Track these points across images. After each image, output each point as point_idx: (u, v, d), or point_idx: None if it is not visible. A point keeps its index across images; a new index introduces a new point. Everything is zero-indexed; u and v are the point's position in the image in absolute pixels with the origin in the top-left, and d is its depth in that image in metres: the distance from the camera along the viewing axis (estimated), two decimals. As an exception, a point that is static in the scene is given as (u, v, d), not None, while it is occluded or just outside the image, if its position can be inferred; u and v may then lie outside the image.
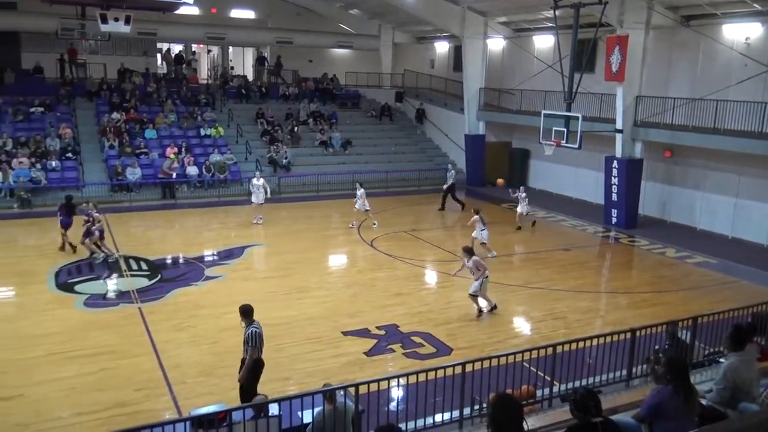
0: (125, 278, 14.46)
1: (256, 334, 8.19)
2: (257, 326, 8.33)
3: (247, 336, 8.20)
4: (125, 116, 25.45)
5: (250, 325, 8.31)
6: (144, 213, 21.00)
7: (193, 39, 33.08)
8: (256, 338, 8.18)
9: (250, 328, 8.25)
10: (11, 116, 24.23)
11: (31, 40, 28.86)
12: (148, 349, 10.78)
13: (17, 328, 11.39)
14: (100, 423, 8.32)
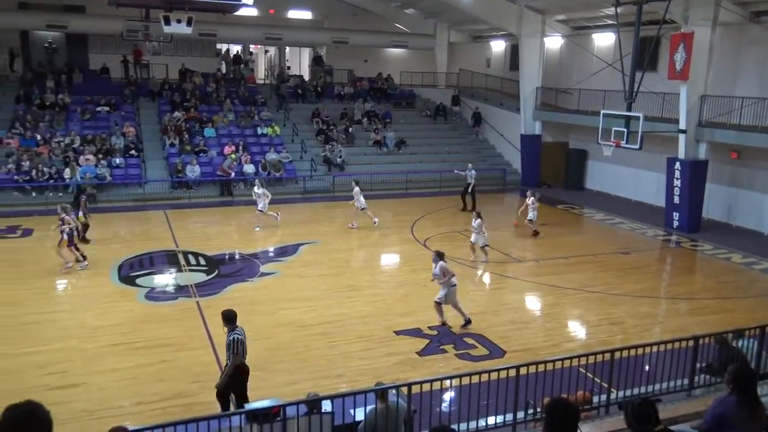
0: (184, 273, 14.85)
1: (238, 341, 7.97)
2: (240, 333, 8.10)
3: (229, 342, 8.01)
4: (186, 115, 26.15)
5: (233, 331, 8.09)
6: (202, 209, 21.52)
7: (252, 40, 33.71)
8: (239, 345, 7.97)
9: (232, 335, 8.03)
10: (79, 115, 25.23)
11: (98, 42, 30.01)
12: (205, 342, 11.03)
13: (83, 318, 11.84)
14: (159, 413, 8.55)
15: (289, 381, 9.67)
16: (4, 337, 10.90)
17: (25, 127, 23.51)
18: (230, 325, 8.16)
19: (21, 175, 21.30)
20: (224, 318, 8.22)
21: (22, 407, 3.05)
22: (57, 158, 22.37)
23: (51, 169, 21.76)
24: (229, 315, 8.22)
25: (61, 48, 29.95)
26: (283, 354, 10.62)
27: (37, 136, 23.18)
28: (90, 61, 29.78)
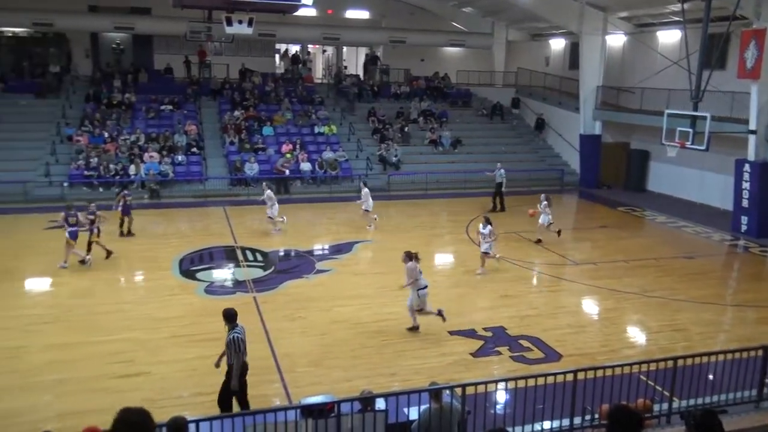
0: (242, 268, 15.18)
1: (238, 339, 7.95)
2: (239, 331, 8.06)
3: (229, 341, 7.99)
4: (245, 114, 26.71)
5: (233, 330, 8.05)
6: (260, 207, 21.87)
7: (310, 40, 34.13)
8: (239, 344, 7.96)
9: (232, 334, 8.00)
10: (144, 113, 26.11)
11: (163, 43, 30.96)
12: (261, 336, 11.25)
13: (147, 310, 12.26)
14: (215, 405, 8.77)
15: (344, 378, 9.76)
16: (78, 327, 11.42)
17: (93, 125, 24.48)
18: (230, 323, 8.10)
19: (89, 170, 22.19)
20: (224, 316, 8.13)
21: (135, 411, 3.25)
22: (123, 155, 23.21)
23: (117, 165, 22.61)
24: (229, 313, 8.14)
25: (127, 49, 31.08)
26: (337, 350, 10.73)
27: (104, 134, 24.10)
28: (155, 62, 30.79)
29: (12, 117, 24.79)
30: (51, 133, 24.24)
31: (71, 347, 10.57)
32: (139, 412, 3.36)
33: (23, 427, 8.18)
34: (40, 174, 22.01)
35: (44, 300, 13.16)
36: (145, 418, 3.35)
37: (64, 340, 10.83)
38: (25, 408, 8.73)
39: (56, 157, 22.91)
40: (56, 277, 14.18)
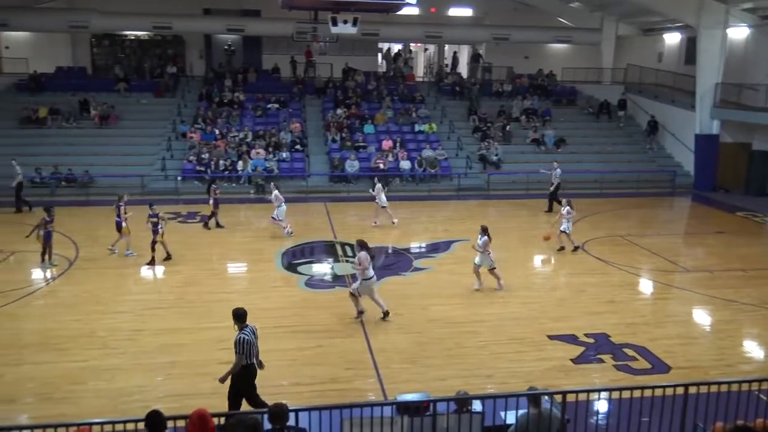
0: (341, 263, 15.46)
1: (244, 341, 7.81)
2: (248, 332, 7.93)
3: (235, 341, 7.89)
4: (347, 112, 27.19)
5: (242, 330, 7.94)
6: (360, 203, 22.24)
7: (413, 38, 34.27)
8: (244, 345, 7.81)
9: (240, 334, 7.89)
10: (252, 111, 27.18)
11: (271, 43, 32.10)
12: (359, 331, 11.40)
13: (251, 300, 12.66)
14: (315, 395, 8.98)
15: (439, 377, 9.71)
16: (188, 313, 12.05)
17: (206, 123, 25.76)
18: (240, 323, 8.01)
19: (201, 165, 23.37)
20: (234, 316, 8.06)
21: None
22: (232, 151, 24.26)
23: (226, 161, 23.66)
24: (238, 313, 8.05)
25: (238, 50, 32.47)
26: (433, 349, 10.69)
27: (215, 131, 25.31)
28: (263, 62, 31.98)
29: (133, 115, 26.59)
30: (167, 130, 25.76)
31: (181, 332, 11.17)
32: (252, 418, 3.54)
33: (134, 405, 8.69)
34: (156, 168, 23.43)
35: (158, 287, 13.99)
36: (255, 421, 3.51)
37: (175, 326, 11.46)
38: (137, 387, 9.29)
39: (171, 153, 24.31)
40: (169, 266, 15.03)
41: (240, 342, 7.80)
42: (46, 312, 12.12)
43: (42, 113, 25.42)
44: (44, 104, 25.83)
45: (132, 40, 32.19)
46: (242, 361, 7.81)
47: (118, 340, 10.85)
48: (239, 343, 7.81)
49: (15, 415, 8.50)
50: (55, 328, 11.26)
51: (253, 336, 7.98)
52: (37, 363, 9.95)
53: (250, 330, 8.00)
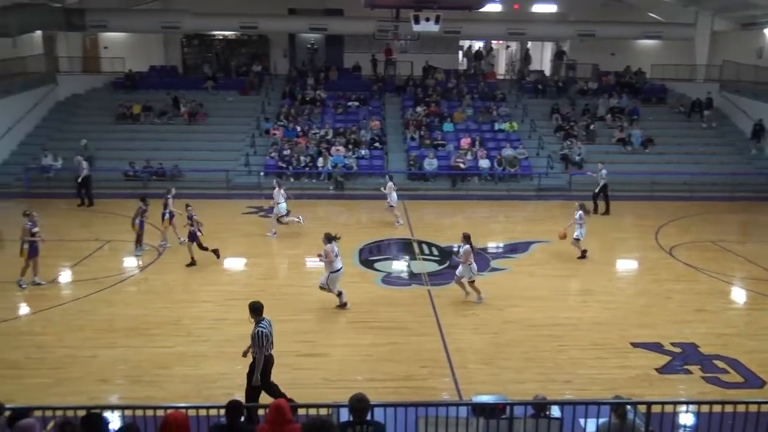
0: (418, 261, 15.45)
1: (262, 334, 7.91)
2: (264, 325, 8.02)
3: (253, 335, 7.99)
4: (427, 110, 27.14)
5: (258, 323, 8.03)
6: (437, 201, 22.19)
7: (495, 36, 33.78)
8: (263, 338, 7.91)
9: (257, 328, 7.98)
10: (333, 109, 27.59)
11: (352, 42, 32.46)
12: (434, 330, 11.37)
13: (328, 295, 12.82)
14: (390, 391, 9.01)
15: (515, 379, 9.55)
16: (268, 305, 12.06)
17: (288, 120, 26.36)
18: (257, 316, 8.10)
19: (282, 162, 23.93)
20: (251, 309, 8.15)
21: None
22: (313, 148, 24.71)
23: (307, 157, 24.12)
24: (255, 306, 8.14)
25: (321, 48, 33.03)
26: (510, 351, 10.53)
27: (297, 128, 25.84)
28: (344, 60, 32.39)
29: (219, 112, 27.55)
30: (251, 127, 26.53)
31: (261, 323, 11.46)
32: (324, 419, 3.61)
33: (216, 392, 9.01)
34: (240, 164, 24.17)
35: (240, 278, 14.44)
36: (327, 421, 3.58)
37: (256, 316, 11.77)
38: (220, 375, 9.63)
39: (255, 149, 25.02)
40: (251, 258, 15.49)
41: (258, 335, 7.91)
42: (137, 299, 12.75)
43: (136, 110, 26.74)
44: (138, 101, 27.18)
45: (220, 39, 33.35)
46: (262, 353, 7.94)
47: (202, 328, 11.28)
48: (257, 336, 7.91)
49: (107, 395, 9.00)
50: (145, 314, 11.83)
51: (270, 328, 8.11)
52: (128, 347, 10.49)
53: (266, 323, 8.12)
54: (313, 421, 4.02)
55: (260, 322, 8.05)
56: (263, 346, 7.92)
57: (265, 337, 7.94)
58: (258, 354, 7.97)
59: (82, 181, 20.63)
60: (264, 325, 8.04)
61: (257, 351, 7.98)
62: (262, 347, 7.91)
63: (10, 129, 24.71)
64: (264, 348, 7.94)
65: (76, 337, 10.82)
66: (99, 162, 23.50)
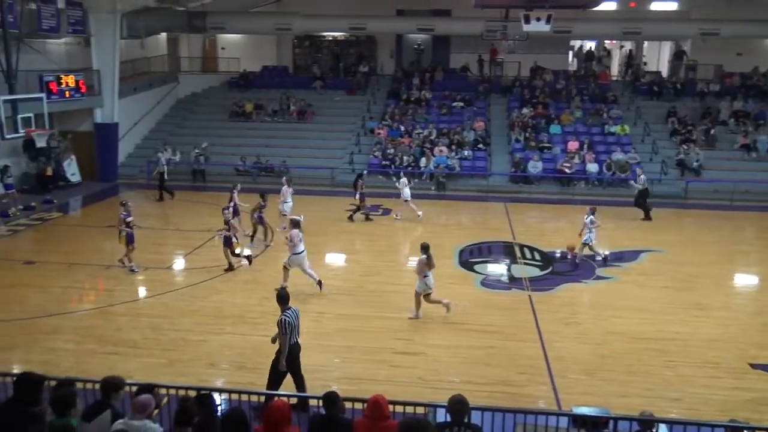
0: (519, 265, 15.14)
1: (285, 322, 8.11)
2: (289, 314, 8.21)
3: (278, 322, 8.21)
4: (533, 112, 26.55)
5: (284, 312, 8.24)
6: (541, 205, 21.64)
7: (608, 35, 32.43)
8: (286, 326, 8.10)
9: (282, 315, 8.20)
10: (437, 109, 27.58)
11: (459, 42, 32.26)
12: (533, 336, 11.10)
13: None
14: (485, 395, 8.88)
15: (619, 393, 9.14)
16: (367, 301, 12.58)
17: (392, 120, 26.62)
18: (283, 305, 8.31)
19: (385, 161, 24.20)
20: (278, 298, 8.42)
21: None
22: (416, 148, 24.82)
23: (410, 157, 24.26)
24: (281, 295, 8.44)
25: (427, 49, 33.08)
26: (613, 363, 10.10)
27: (401, 128, 26.05)
28: (451, 61, 32.27)
29: (327, 111, 28.28)
30: (357, 126, 27.03)
31: (360, 319, 11.66)
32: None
33: (314, 383, 9.21)
34: (345, 162, 24.68)
35: (340, 274, 14.73)
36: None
37: (355, 312, 11.99)
38: (317, 366, 9.85)
39: (359, 148, 25.47)
40: (351, 254, 15.78)
41: (282, 323, 8.15)
42: (243, 288, 13.32)
43: (248, 108, 27.96)
44: (251, 100, 28.40)
45: (329, 40, 34.19)
46: (284, 340, 8.17)
47: (303, 320, 11.49)
48: (282, 324, 8.15)
49: (213, 378, 9.46)
50: (250, 303, 12.35)
51: (295, 317, 8.31)
52: (234, 334, 10.99)
53: (292, 312, 8.31)
54: (411, 420, 4.04)
55: (286, 311, 8.30)
56: (286, 334, 8.18)
57: (289, 325, 8.18)
58: (282, 340, 8.24)
59: (161, 176, 21.50)
60: (288, 314, 8.28)
61: (281, 337, 8.25)
62: (285, 334, 8.18)
63: (136, 124, 26.57)
64: (287, 335, 8.19)
65: (188, 322, 11.46)
66: (213, 157, 24.79)
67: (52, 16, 20.80)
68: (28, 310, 11.96)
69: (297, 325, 8.36)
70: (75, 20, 21.98)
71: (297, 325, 8.36)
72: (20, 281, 13.54)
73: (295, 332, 8.31)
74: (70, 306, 12.34)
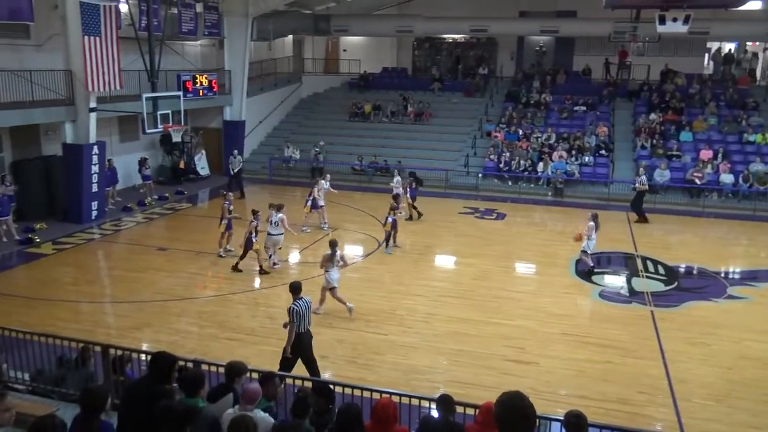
0: (640, 279, 14.36)
1: (293, 310, 8.54)
2: (299, 303, 8.61)
3: (288, 310, 8.64)
4: (662, 117, 25.11)
5: (295, 300, 8.66)
6: (667, 216, 20.39)
7: (752, 36, 29.99)
8: (294, 315, 8.52)
9: (292, 304, 8.63)
10: (557, 113, 26.76)
11: (583, 44, 31.17)
12: (655, 354, 10.47)
13: (541, 303, 12.58)
14: (602, 413, 8.45)
15: (751, 423, 8.44)
16: (478, 306, 12.40)
17: (510, 123, 26.13)
18: (295, 295, 8.75)
19: (501, 165, 23.79)
20: (290, 288, 8.90)
21: (514, 398, 3.38)
22: (533, 152, 24.21)
23: (527, 162, 23.69)
24: (293, 286, 8.89)
25: (549, 51, 32.26)
26: (744, 391, 9.31)
27: (519, 132, 25.50)
28: (574, 63, 31.23)
29: (444, 113, 28.24)
30: (473, 129, 26.79)
31: (470, 323, 11.52)
32: (518, 396, 3.45)
33: (422, 384, 9.25)
34: (460, 164, 24.52)
35: (452, 277, 14.63)
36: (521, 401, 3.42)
37: (465, 316, 11.86)
38: (426, 367, 9.86)
39: (475, 150, 25.21)
40: (464, 257, 15.62)
41: (290, 311, 8.61)
42: (357, 285, 13.53)
43: (367, 109, 28.47)
44: (369, 101, 28.91)
45: (449, 42, 34.15)
46: (292, 328, 8.59)
47: (413, 320, 11.65)
48: (291, 312, 8.60)
49: (325, 371, 9.66)
50: (363, 300, 12.52)
51: (305, 308, 8.71)
52: (347, 329, 11.20)
53: (303, 302, 8.72)
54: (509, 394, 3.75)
55: (297, 300, 8.70)
56: (293, 321, 8.59)
57: (296, 313, 8.58)
58: (289, 327, 8.64)
59: (235, 174, 22.00)
60: (298, 303, 8.67)
61: (290, 325, 8.64)
62: (292, 322, 8.59)
63: (261, 122, 27.81)
64: (295, 323, 8.59)
65: (303, 314, 11.81)
66: (330, 156, 25.47)
67: (191, 20, 22.23)
68: (158, 292, 12.84)
69: (307, 314, 8.76)
70: (211, 23, 23.36)
71: (307, 314, 8.76)
72: (153, 266, 14.57)
73: (304, 321, 8.72)
74: (196, 291, 13.12)
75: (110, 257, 15.73)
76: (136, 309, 12.01)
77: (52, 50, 17.54)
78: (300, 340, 8.71)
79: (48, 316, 11.40)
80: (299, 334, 8.68)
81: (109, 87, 17.11)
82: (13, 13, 15.74)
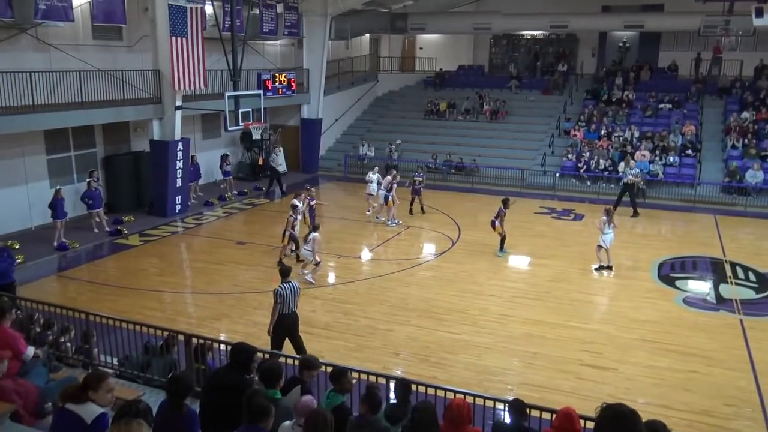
0: (729, 285, 13.63)
1: (277, 292, 8.92)
2: (284, 287, 8.95)
3: (273, 292, 9.05)
4: (756, 116, 23.75)
5: (281, 284, 9.01)
6: (759, 220, 19.28)
7: None
8: (278, 296, 8.91)
9: (278, 287, 8.99)
10: (641, 111, 25.77)
11: (670, 39, 29.84)
12: (744, 365, 9.92)
13: (620, 308, 12.15)
14: (685, 424, 8.12)
15: None
16: (555, 309, 12.10)
17: (590, 121, 25.37)
18: (283, 278, 9.10)
19: (580, 164, 23.13)
20: (279, 271, 9.36)
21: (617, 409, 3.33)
22: (614, 152, 23.40)
23: (607, 161, 22.94)
24: (283, 270, 9.31)
25: (633, 46, 31.07)
26: None
27: (599, 130, 24.71)
28: (659, 59, 29.98)
29: (521, 111, 27.75)
30: (551, 127, 26.18)
31: (546, 326, 11.26)
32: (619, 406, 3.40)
33: (495, 385, 9.11)
34: (536, 163, 24.02)
35: (527, 278, 14.31)
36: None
37: (541, 318, 11.61)
38: (499, 369, 9.70)
39: (552, 149, 24.64)
40: (540, 258, 15.28)
41: (276, 293, 9.00)
42: (430, 283, 13.51)
43: (442, 107, 28.33)
44: (445, 98, 28.77)
45: (528, 39, 33.50)
46: (276, 310, 8.98)
47: (487, 320, 11.50)
48: (275, 293, 9.00)
49: (397, 368, 9.71)
50: (436, 299, 12.49)
51: (291, 291, 9.03)
52: (419, 327, 11.19)
53: (289, 286, 9.05)
54: (618, 408, 3.64)
55: (283, 283, 9.06)
56: (277, 303, 8.97)
57: (281, 296, 8.94)
58: (273, 308, 9.05)
59: (273, 173, 22.39)
60: (284, 287, 9.01)
61: (273, 306, 9.04)
62: (276, 303, 8.99)
63: (337, 120, 28.19)
64: (278, 304, 8.97)
65: (376, 311, 11.90)
66: (405, 154, 25.51)
67: (272, 20, 22.76)
68: (237, 285, 13.24)
69: (292, 297, 9.07)
70: (290, 23, 23.83)
71: (292, 297, 9.07)
72: (232, 259, 15.03)
73: (288, 303, 9.03)
74: (272, 285, 13.40)
75: (192, 249, 16.33)
76: (216, 300, 12.43)
77: (142, 51, 18.40)
78: (284, 321, 9.10)
79: (135, 305, 11.97)
80: (283, 315, 9.06)
81: (194, 86, 17.77)
82: (108, 16, 16.68)
